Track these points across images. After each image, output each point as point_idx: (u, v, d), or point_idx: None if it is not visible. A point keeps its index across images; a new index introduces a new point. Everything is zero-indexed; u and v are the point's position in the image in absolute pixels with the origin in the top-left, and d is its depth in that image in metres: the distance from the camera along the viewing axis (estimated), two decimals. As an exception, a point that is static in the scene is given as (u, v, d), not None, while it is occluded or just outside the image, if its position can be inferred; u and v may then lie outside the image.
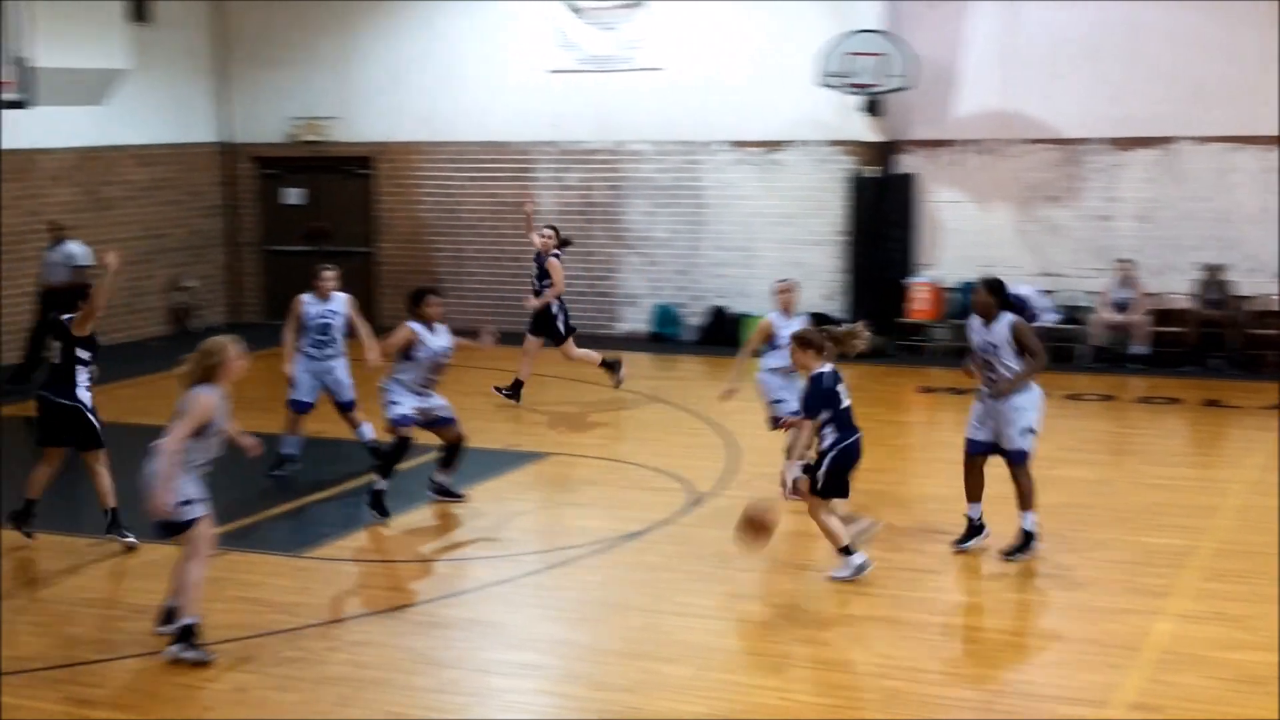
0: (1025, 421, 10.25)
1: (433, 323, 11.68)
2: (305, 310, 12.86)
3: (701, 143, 19.71)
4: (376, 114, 21.34)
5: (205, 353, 8.69)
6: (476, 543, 11.20)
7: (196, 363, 8.67)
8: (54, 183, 19.42)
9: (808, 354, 9.82)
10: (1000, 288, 10.39)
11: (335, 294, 12.94)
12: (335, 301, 12.93)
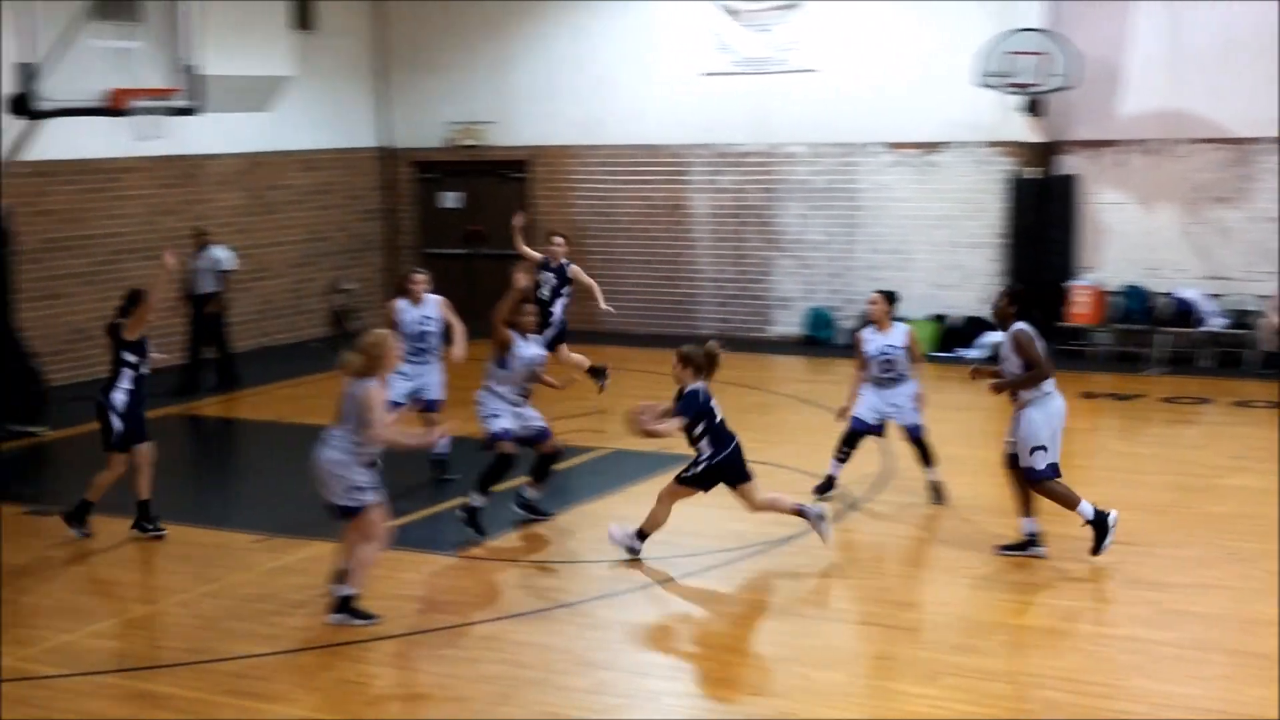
0: (1035, 439, 10.08)
1: (527, 332, 11.44)
2: (401, 316, 12.79)
3: (857, 144, 19.55)
4: (532, 118, 21.54)
5: (371, 345, 9.06)
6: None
7: (361, 356, 9.00)
8: (221, 187, 19.92)
9: (686, 371, 10.22)
10: (1019, 296, 10.39)
11: (429, 298, 12.89)
12: (429, 306, 12.86)
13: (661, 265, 20.78)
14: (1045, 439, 10.10)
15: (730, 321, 20.15)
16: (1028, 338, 10.17)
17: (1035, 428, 10.10)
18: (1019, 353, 10.14)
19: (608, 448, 13.96)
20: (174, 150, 18.77)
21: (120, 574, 10.61)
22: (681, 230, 20.66)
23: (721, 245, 20.44)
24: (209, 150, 19.58)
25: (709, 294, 20.58)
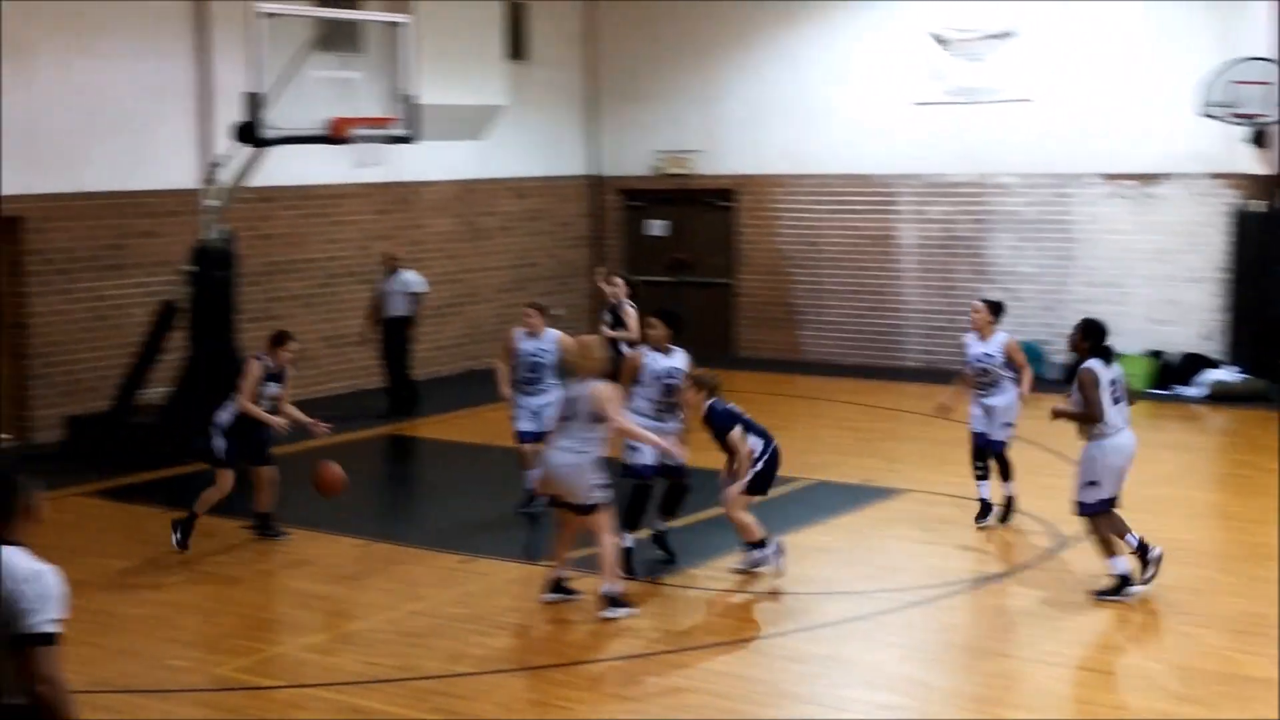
0: (1087, 475, 10.33)
1: (657, 345, 11.23)
2: (518, 346, 12.75)
3: (1072, 175, 19.13)
4: (740, 147, 21.57)
5: (588, 348, 10.11)
6: (830, 577, 11.11)
7: (584, 360, 9.98)
8: (434, 213, 20.36)
9: (701, 394, 10.75)
10: (1093, 331, 10.42)
11: (548, 331, 12.72)
12: (547, 339, 12.71)
13: (868, 296, 20.60)
14: (1099, 475, 10.14)
15: (937, 354, 19.85)
16: (1091, 376, 10.14)
17: (1089, 464, 10.20)
18: (1080, 390, 10.16)
19: (811, 479, 13.84)
20: (390, 177, 19.25)
21: (332, 589, 10.86)
22: (889, 261, 20.46)
23: (929, 276, 20.18)
24: (423, 177, 20.04)
25: (916, 325, 20.33)
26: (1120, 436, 10.24)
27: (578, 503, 9.81)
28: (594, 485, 9.79)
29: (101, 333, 16.56)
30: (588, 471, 9.77)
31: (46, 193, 15.99)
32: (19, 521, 5.26)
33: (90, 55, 16.28)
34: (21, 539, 5.25)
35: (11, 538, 5.23)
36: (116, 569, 11.32)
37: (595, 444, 9.80)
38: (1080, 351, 10.40)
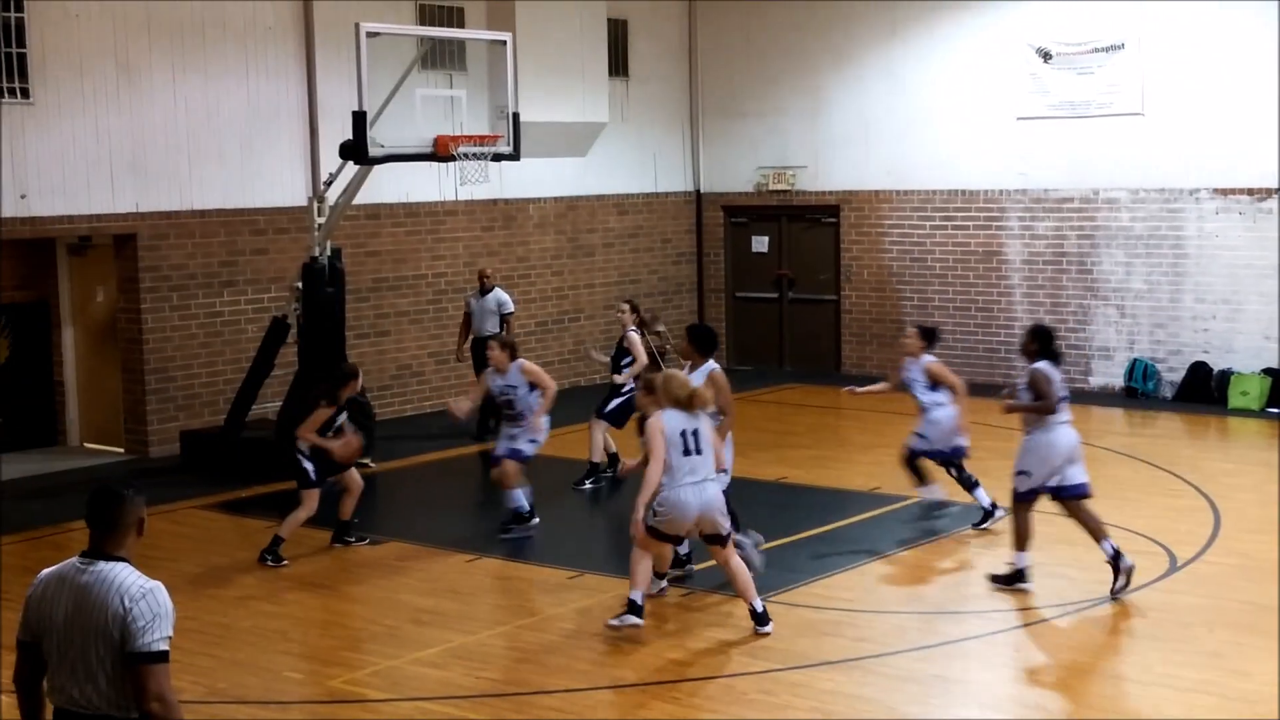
0: (1021, 464, 10.90)
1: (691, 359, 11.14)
2: (490, 385, 12.72)
3: (1183, 190, 18.81)
4: (843, 163, 21.46)
5: (677, 381, 9.98)
6: (940, 597, 10.99)
7: (678, 392, 9.87)
8: (538, 230, 20.46)
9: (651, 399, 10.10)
10: (1039, 335, 11.03)
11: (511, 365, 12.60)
12: (512, 374, 12.60)
13: (976, 312, 20.39)
14: (1031, 465, 10.73)
15: (1045, 371, 19.59)
16: (1044, 375, 10.72)
17: (1025, 454, 10.81)
18: (1032, 388, 10.75)
19: (915, 497, 13.71)
20: (495, 194, 19.41)
21: (442, 603, 10.91)
22: (997, 277, 20.24)
23: (1038, 292, 19.94)
24: (528, 194, 20.16)
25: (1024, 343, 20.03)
26: (1059, 431, 10.76)
27: (720, 533, 9.86)
28: (727, 513, 10.01)
29: (214, 348, 16.82)
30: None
31: (159, 210, 16.28)
32: (126, 536, 5.30)
33: (201, 75, 16.57)
34: (128, 554, 5.29)
35: (118, 553, 5.27)
36: (231, 581, 11.46)
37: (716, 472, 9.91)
38: (1030, 354, 10.98)
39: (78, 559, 5.27)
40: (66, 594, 5.23)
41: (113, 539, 5.27)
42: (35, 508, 14.00)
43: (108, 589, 5.16)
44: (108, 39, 15.76)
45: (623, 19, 21.34)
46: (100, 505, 5.30)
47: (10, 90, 15.00)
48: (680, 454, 9.62)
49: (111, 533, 5.27)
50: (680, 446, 9.62)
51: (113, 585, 5.16)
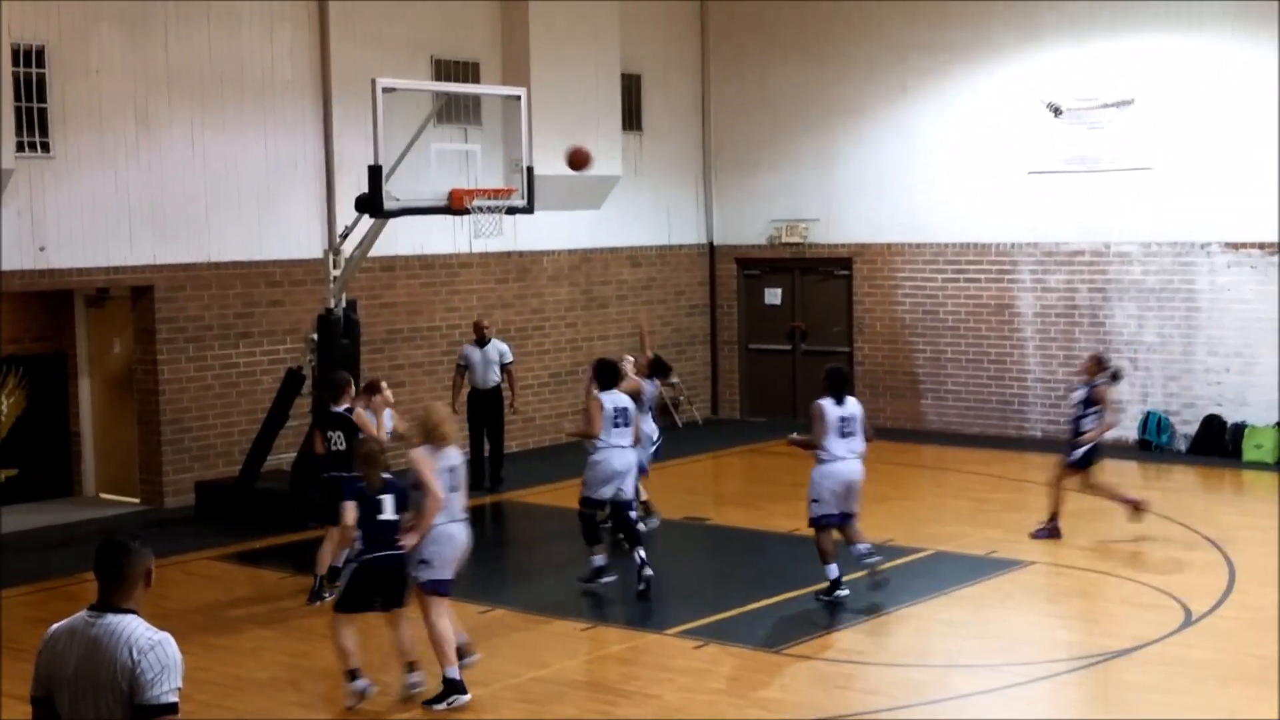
0: (812, 493, 11.97)
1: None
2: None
3: (1194, 244, 18.86)
4: (856, 216, 21.56)
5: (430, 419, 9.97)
6: (954, 650, 10.97)
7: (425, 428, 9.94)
8: (552, 282, 20.56)
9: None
10: (831, 376, 12.06)
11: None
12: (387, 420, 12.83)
13: (988, 364, 20.42)
14: (819, 494, 11.83)
15: (1060, 423, 19.56)
16: (819, 410, 11.87)
17: (812, 485, 11.90)
18: (811, 422, 11.93)
19: (933, 549, 13.72)
20: (509, 247, 19.52)
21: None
22: (1009, 329, 20.28)
23: (1050, 345, 19.96)
24: (542, 247, 20.27)
25: (1038, 394, 20.09)
26: (838, 464, 11.81)
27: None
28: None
29: (230, 400, 16.90)
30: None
31: (176, 263, 16.41)
32: (134, 588, 5.30)
33: (219, 129, 16.73)
34: (137, 606, 5.30)
35: (127, 605, 5.28)
36: (245, 632, 11.48)
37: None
38: (823, 390, 12.06)
39: (86, 612, 5.28)
40: (76, 647, 5.24)
41: (121, 591, 5.27)
42: (50, 558, 14.05)
43: (116, 641, 5.16)
44: (127, 93, 15.93)
45: (636, 73, 21.51)
46: (107, 558, 5.30)
47: (31, 144, 15.16)
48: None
49: (119, 585, 5.28)
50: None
51: (121, 637, 5.17)
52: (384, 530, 9.47)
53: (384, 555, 9.46)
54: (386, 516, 9.48)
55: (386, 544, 9.48)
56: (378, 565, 9.49)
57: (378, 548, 9.46)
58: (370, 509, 9.46)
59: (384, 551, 9.46)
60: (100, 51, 15.69)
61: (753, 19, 22.27)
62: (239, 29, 16.86)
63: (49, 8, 15.24)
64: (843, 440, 11.83)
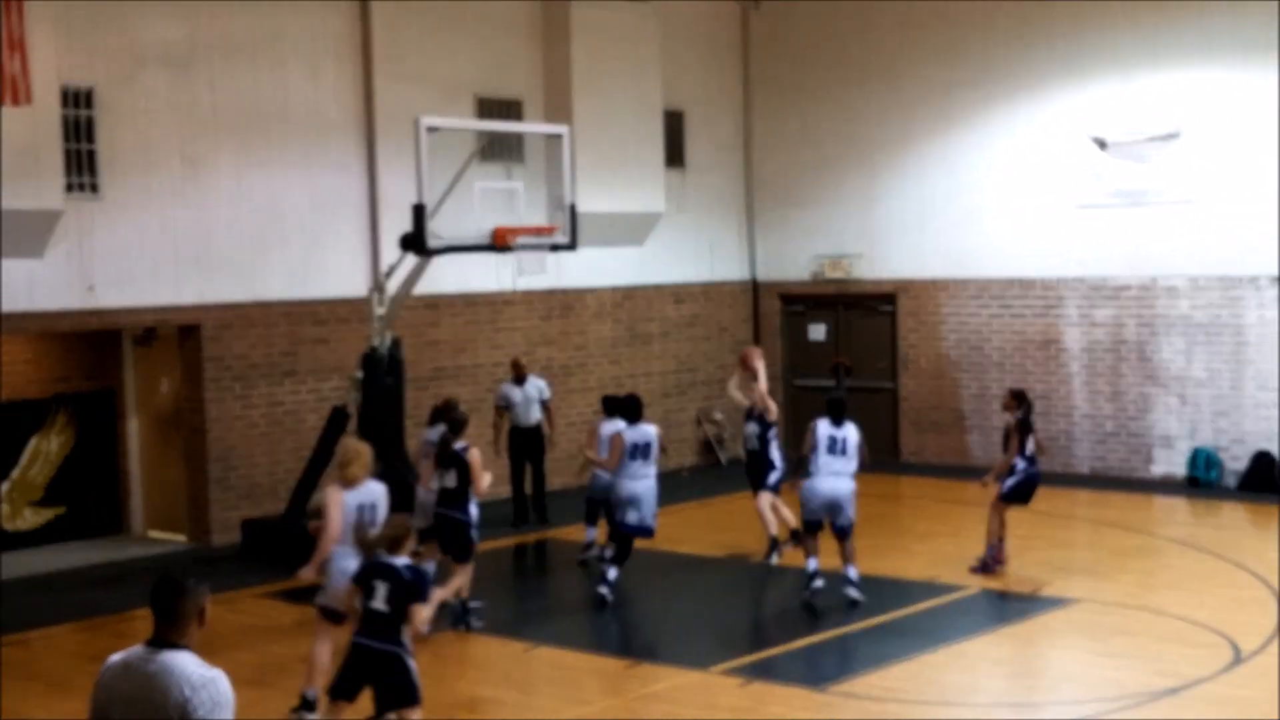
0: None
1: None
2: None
3: (1242, 277, 18.71)
4: (900, 251, 21.52)
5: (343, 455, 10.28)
6: (1000, 689, 10.88)
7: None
8: (596, 319, 20.60)
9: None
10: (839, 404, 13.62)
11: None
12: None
13: (1035, 400, 20.19)
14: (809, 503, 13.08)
15: (1108, 460, 19.47)
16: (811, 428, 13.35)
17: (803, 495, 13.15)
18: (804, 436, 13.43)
19: (980, 587, 13.62)
20: (553, 284, 19.57)
21: (500, 693, 10.92)
22: (1056, 365, 20.17)
23: (1097, 380, 19.83)
24: (585, 284, 20.31)
25: (1085, 430, 19.95)
26: (820, 480, 13.00)
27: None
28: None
29: (276, 437, 16.99)
30: None
31: (222, 302, 16.54)
32: (188, 625, 5.37)
33: (263, 168, 16.88)
34: (191, 643, 5.36)
35: (181, 642, 5.34)
36: (292, 670, 11.49)
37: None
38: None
39: (142, 647, 5.35)
40: (131, 682, 5.31)
41: (175, 628, 5.35)
42: (98, 595, 14.14)
43: (170, 677, 5.23)
44: (174, 134, 16.11)
45: (679, 110, 21.58)
46: (163, 595, 5.39)
47: (80, 185, 15.34)
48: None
49: (174, 622, 5.35)
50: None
51: (175, 674, 5.24)
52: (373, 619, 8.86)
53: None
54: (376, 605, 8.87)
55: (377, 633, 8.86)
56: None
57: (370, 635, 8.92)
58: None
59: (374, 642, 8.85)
60: (147, 93, 15.87)
61: (794, 55, 22.33)
62: (284, 69, 17.03)
63: (97, 50, 15.45)
64: (831, 457, 13.09)
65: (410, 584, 8.72)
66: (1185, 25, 18.90)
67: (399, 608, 8.66)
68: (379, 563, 8.85)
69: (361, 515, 9.95)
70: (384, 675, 8.74)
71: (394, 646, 8.70)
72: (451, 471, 12.27)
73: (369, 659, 8.76)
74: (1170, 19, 18.99)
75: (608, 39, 19.75)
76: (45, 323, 15.34)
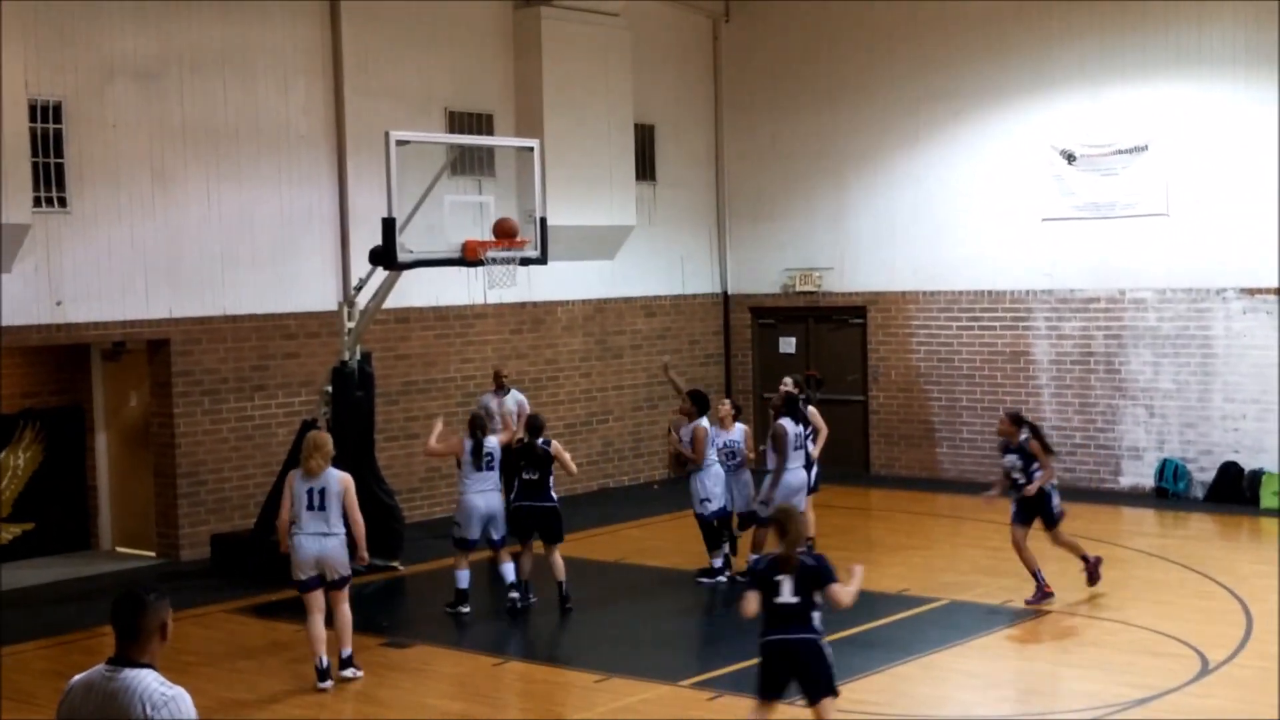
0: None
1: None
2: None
3: (1209, 290, 18.83)
4: (870, 265, 21.59)
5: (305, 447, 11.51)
6: (969, 701, 10.91)
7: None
8: (567, 332, 20.61)
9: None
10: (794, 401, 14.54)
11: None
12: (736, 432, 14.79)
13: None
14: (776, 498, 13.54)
15: (1076, 471, 19.55)
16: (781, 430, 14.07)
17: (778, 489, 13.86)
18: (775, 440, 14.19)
19: (949, 598, 13.66)
20: (523, 297, 19.57)
21: (470, 708, 10.90)
22: (1025, 377, 20.25)
23: (1065, 393, 19.93)
24: (556, 297, 20.32)
25: (1053, 442, 19.77)
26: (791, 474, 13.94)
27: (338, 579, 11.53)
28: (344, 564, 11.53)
29: (245, 452, 16.94)
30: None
31: (192, 316, 16.49)
32: (149, 642, 5.30)
33: (233, 182, 16.85)
34: (153, 660, 5.29)
35: (142, 659, 5.27)
36: (259, 686, 11.46)
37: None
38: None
39: (104, 666, 5.30)
40: (92, 701, 5.25)
41: (136, 645, 5.28)
42: (67, 612, 14.06)
43: (130, 695, 5.17)
44: (143, 148, 16.06)
45: (650, 124, 21.62)
46: (123, 612, 5.31)
47: (48, 199, 15.28)
48: (304, 508, 11.22)
49: (135, 639, 5.28)
50: (304, 502, 11.23)
51: (135, 692, 5.17)
52: None
53: None
54: None
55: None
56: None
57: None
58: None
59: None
60: (116, 107, 15.83)
61: (765, 69, 22.40)
62: (254, 83, 17.00)
63: (66, 63, 15.40)
64: (796, 453, 14.11)
65: (815, 570, 8.61)
66: (1153, 39, 19.04)
67: (807, 597, 8.59)
68: (775, 558, 8.73)
69: (310, 500, 11.26)
70: (805, 665, 8.65)
71: (810, 634, 8.61)
72: (533, 467, 13.57)
73: (787, 651, 8.64)
74: (1139, 33, 19.13)
75: (579, 53, 19.79)
76: (13, 337, 15.25)
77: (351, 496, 11.33)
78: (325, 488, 11.29)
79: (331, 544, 11.29)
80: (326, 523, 11.26)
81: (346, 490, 11.31)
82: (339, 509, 11.28)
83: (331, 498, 11.27)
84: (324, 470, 11.33)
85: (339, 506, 11.27)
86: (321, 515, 11.26)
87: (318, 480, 11.32)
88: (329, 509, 11.26)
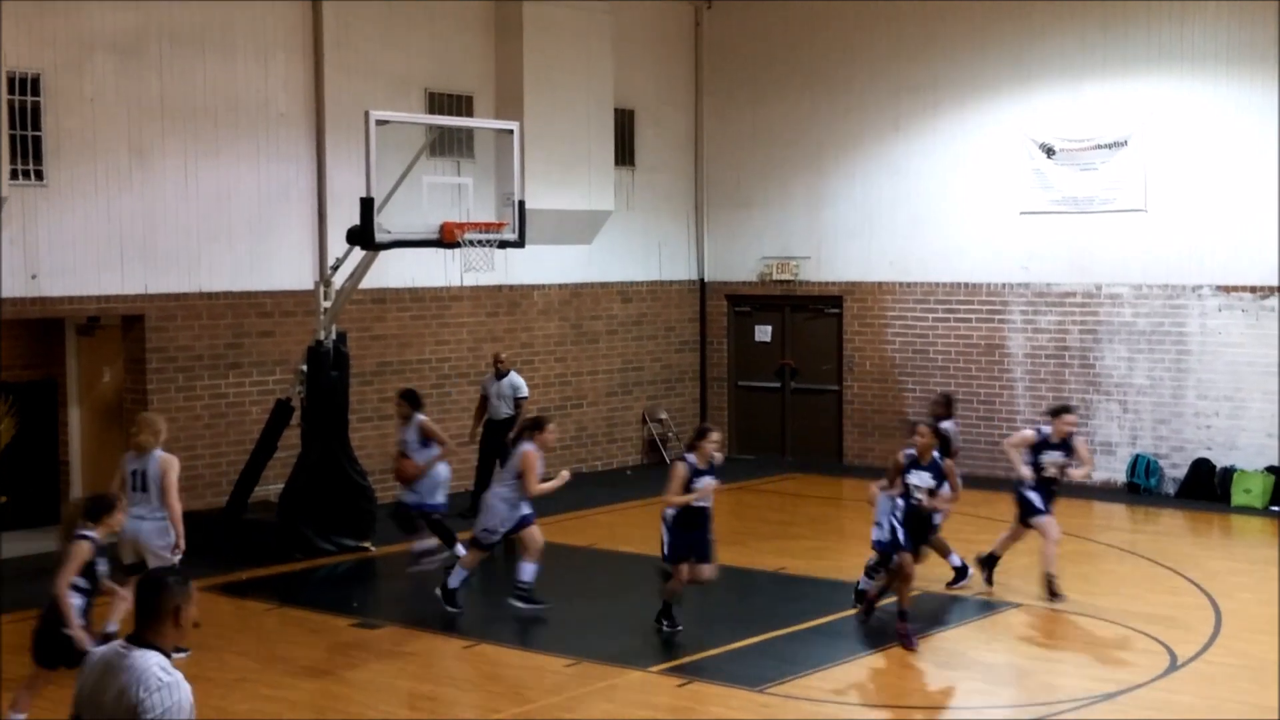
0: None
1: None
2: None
3: (1185, 286, 18.91)
4: (847, 254, 21.61)
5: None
6: (941, 693, 10.95)
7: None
8: (543, 316, 20.57)
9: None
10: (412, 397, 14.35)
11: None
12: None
13: (978, 405, 20.43)
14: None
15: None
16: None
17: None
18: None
19: (918, 590, 13.67)
20: (500, 280, 19.53)
21: (438, 689, 10.91)
22: (999, 370, 20.31)
23: (1040, 386, 19.99)
24: (533, 280, 20.29)
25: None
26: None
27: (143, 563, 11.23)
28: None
29: (219, 430, 16.88)
30: None
31: (167, 292, 16.41)
32: (163, 624, 5.38)
33: (212, 160, 16.76)
34: (164, 642, 5.35)
35: (155, 640, 5.34)
36: (228, 665, 11.44)
37: None
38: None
39: (121, 643, 5.40)
40: (103, 676, 5.35)
41: (151, 626, 5.39)
42: (38, 586, 13.94)
43: (131, 675, 5.27)
44: (121, 123, 15.96)
45: (630, 109, 21.58)
46: (142, 591, 5.46)
47: (25, 172, 15.18)
48: (130, 489, 11.05)
49: (149, 620, 5.39)
50: (130, 483, 11.09)
51: (135, 674, 5.27)
52: None
53: None
54: None
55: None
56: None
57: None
58: None
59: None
60: (95, 81, 15.73)
61: (746, 56, 22.38)
62: (233, 60, 16.91)
63: (45, 37, 15.29)
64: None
65: None
66: (1134, 34, 19.08)
67: None
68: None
69: (134, 480, 11.20)
70: None
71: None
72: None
73: None
74: (1120, 27, 19.17)
75: (560, 36, 19.73)
76: (-14, 310, 15.17)
77: (170, 480, 11.11)
78: (146, 469, 11.21)
79: (147, 527, 11.14)
80: (146, 505, 11.16)
81: (165, 473, 11.13)
82: (159, 491, 11.13)
83: (151, 480, 11.18)
84: (150, 450, 11.24)
85: (158, 489, 11.11)
86: (144, 497, 11.15)
87: (141, 460, 11.26)
88: (150, 490, 11.16)
